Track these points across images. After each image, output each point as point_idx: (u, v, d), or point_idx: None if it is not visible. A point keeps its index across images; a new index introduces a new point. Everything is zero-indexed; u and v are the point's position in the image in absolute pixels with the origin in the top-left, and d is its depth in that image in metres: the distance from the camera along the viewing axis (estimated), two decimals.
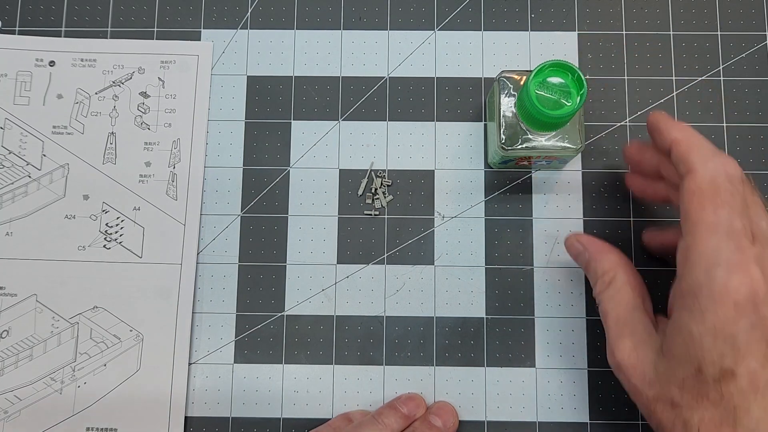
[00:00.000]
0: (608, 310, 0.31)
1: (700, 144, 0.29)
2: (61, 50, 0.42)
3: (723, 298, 0.25)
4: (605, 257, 0.33)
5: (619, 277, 0.32)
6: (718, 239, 0.26)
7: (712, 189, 0.27)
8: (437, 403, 0.38)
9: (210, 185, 0.41)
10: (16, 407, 0.38)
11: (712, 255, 0.26)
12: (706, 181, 0.27)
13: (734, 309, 0.25)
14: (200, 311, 0.40)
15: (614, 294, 0.31)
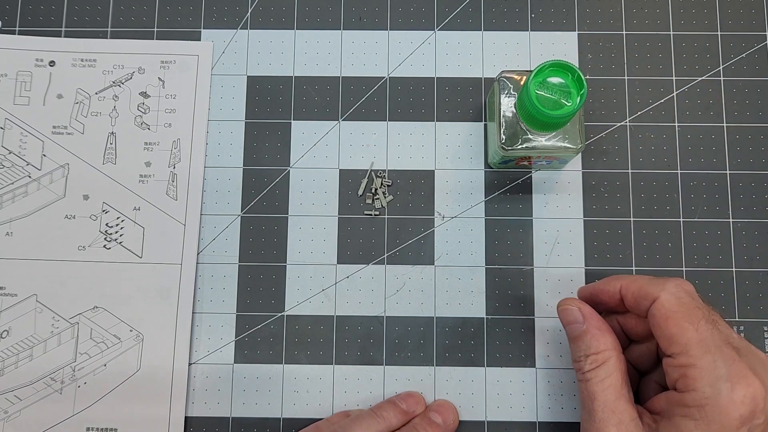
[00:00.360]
0: (596, 392, 0.31)
1: (645, 276, 0.32)
2: (61, 50, 0.42)
3: (730, 411, 0.27)
4: (605, 336, 0.32)
5: (612, 361, 0.32)
6: (713, 354, 0.28)
7: (682, 308, 0.30)
8: (438, 401, 0.38)
9: (210, 185, 0.41)
10: (16, 407, 0.38)
11: (713, 370, 0.28)
12: (673, 303, 0.30)
13: (739, 420, 0.27)
14: (200, 311, 0.40)
15: (606, 377, 0.31)
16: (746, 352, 0.29)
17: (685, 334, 0.29)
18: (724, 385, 0.27)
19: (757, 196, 0.40)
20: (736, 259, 0.39)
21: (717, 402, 0.27)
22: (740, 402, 0.27)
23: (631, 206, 0.40)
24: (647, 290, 0.31)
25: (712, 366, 0.28)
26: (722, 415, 0.27)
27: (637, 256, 0.40)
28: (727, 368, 0.28)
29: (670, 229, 0.40)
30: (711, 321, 0.30)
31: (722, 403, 0.27)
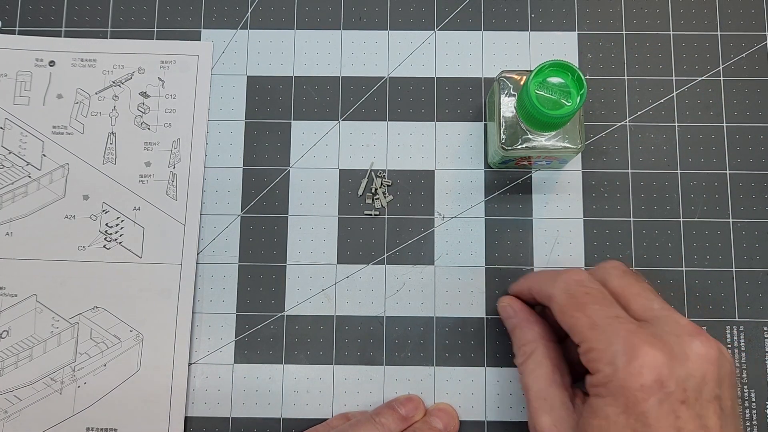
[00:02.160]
0: (529, 383, 0.32)
1: (545, 275, 0.34)
2: (61, 50, 0.42)
3: (630, 383, 0.27)
4: (531, 328, 0.34)
5: (539, 350, 0.33)
6: (607, 333, 0.28)
7: (570, 299, 0.31)
8: (438, 405, 0.38)
9: (210, 185, 0.41)
10: (16, 407, 0.38)
11: (608, 349, 0.28)
12: (562, 298, 0.31)
13: (642, 390, 0.27)
14: (200, 311, 0.40)
15: (534, 368, 0.32)
16: (656, 322, 0.29)
17: (578, 323, 0.30)
18: (621, 360, 0.27)
19: (757, 196, 0.40)
20: (736, 259, 0.39)
21: (617, 377, 0.27)
22: (638, 373, 0.27)
23: (631, 206, 0.40)
24: (544, 290, 0.33)
25: (608, 345, 0.28)
26: (625, 389, 0.27)
27: (637, 256, 0.40)
28: (623, 343, 0.28)
29: (670, 229, 0.40)
30: (606, 301, 0.30)
31: (622, 377, 0.27)
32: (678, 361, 0.27)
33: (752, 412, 0.38)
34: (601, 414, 0.28)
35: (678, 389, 0.27)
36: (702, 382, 0.27)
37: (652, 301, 0.30)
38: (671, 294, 0.39)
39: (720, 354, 0.28)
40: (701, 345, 0.28)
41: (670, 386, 0.27)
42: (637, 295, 0.31)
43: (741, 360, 0.38)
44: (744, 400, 0.38)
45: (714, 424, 0.27)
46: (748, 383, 0.38)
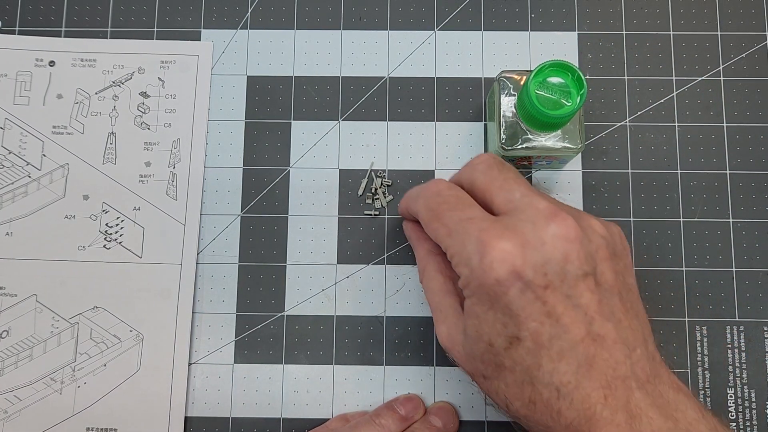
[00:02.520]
0: (428, 297, 0.33)
1: (412, 193, 0.34)
2: (61, 50, 0.42)
3: (485, 279, 0.27)
4: (420, 245, 0.35)
5: (429, 265, 0.33)
6: (461, 236, 0.28)
7: (429, 211, 0.31)
8: (437, 404, 0.38)
9: (210, 185, 0.41)
10: (16, 407, 0.38)
11: (463, 250, 0.28)
12: (423, 211, 0.31)
13: (499, 284, 0.27)
14: (200, 311, 0.40)
15: (428, 282, 0.33)
16: (514, 212, 0.28)
17: (437, 233, 0.30)
18: (475, 259, 0.27)
19: (757, 196, 0.40)
20: (736, 259, 0.39)
21: (474, 277, 0.27)
22: (490, 269, 0.27)
23: (631, 206, 0.40)
24: (412, 210, 0.33)
25: (462, 247, 0.28)
26: (483, 286, 0.27)
27: (637, 256, 0.40)
28: (475, 242, 0.27)
29: (670, 229, 0.40)
30: (461, 203, 0.30)
31: (477, 275, 0.27)
32: (532, 248, 0.27)
33: (752, 412, 0.38)
34: (472, 314, 0.28)
35: (537, 275, 0.26)
36: (564, 263, 0.27)
37: (514, 191, 0.29)
38: (671, 294, 0.39)
39: (583, 231, 0.27)
40: (557, 226, 0.27)
41: (527, 274, 0.26)
42: (500, 188, 0.30)
43: (741, 360, 0.38)
44: (744, 400, 0.38)
45: (588, 300, 0.27)
46: (748, 383, 0.38)
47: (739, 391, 0.38)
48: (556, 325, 0.27)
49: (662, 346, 0.39)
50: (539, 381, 0.27)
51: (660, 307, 0.39)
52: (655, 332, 0.39)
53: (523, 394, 0.28)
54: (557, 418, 0.27)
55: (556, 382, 0.27)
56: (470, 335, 0.29)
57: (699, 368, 0.38)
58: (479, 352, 0.29)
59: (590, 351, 0.27)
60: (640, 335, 0.29)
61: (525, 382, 0.27)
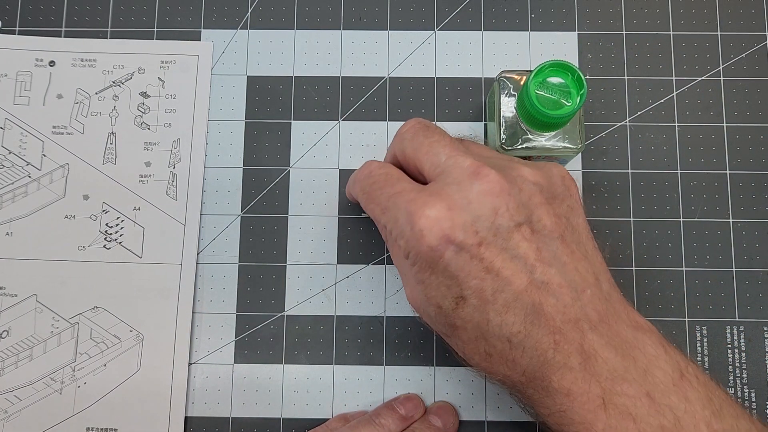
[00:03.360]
0: (395, 264, 0.32)
1: (350, 180, 0.34)
2: (61, 50, 0.42)
3: (419, 247, 0.27)
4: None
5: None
6: (392, 210, 0.29)
7: (364, 194, 0.31)
8: (437, 403, 0.38)
9: (210, 185, 0.41)
10: (16, 407, 0.38)
11: (396, 224, 0.28)
12: (360, 195, 0.32)
13: (433, 251, 0.27)
14: (200, 311, 0.40)
15: (391, 249, 0.31)
16: (440, 177, 0.28)
17: (373, 213, 0.30)
18: (407, 230, 0.28)
19: (757, 196, 0.40)
20: (736, 259, 0.39)
21: (410, 246, 0.28)
22: (421, 237, 0.27)
23: (631, 206, 0.40)
24: (354, 197, 0.33)
25: (395, 221, 0.29)
26: (420, 255, 0.27)
27: (637, 256, 0.40)
28: (404, 214, 0.28)
29: (670, 229, 0.40)
30: (385, 183, 0.30)
31: (413, 245, 0.27)
32: (459, 209, 0.27)
33: (752, 412, 0.38)
34: (419, 281, 0.29)
35: (468, 234, 0.27)
36: (494, 217, 0.27)
37: (439, 154, 0.29)
38: (671, 294, 0.39)
39: (512, 181, 0.28)
40: (481, 183, 0.27)
41: (457, 236, 0.27)
42: (426, 154, 0.29)
43: (741, 360, 0.38)
44: (744, 400, 0.38)
45: (526, 250, 0.27)
46: (749, 383, 0.38)
47: (740, 391, 0.38)
48: (497, 279, 0.27)
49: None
50: (491, 335, 0.28)
51: (660, 307, 0.39)
52: None
53: (479, 348, 0.29)
54: (513, 367, 0.28)
55: (506, 333, 0.27)
56: (420, 302, 0.30)
57: None
58: (433, 315, 0.29)
59: (535, 298, 0.27)
60: (590, 275, 0.29)
61: (478, 338, 0.28)
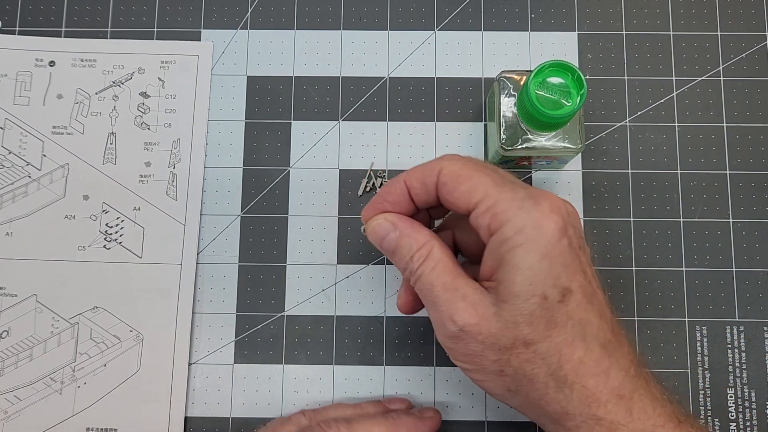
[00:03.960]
0: (433, 280, 0.30)
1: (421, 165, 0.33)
2: (61, 50, 0.42)
3: (544, 223, 0.27)
4: (420, 231, 0.31)
5: (435, 247, 0.31)
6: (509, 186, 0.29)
7: (467, 164, 0.30)
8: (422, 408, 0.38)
9: (210, 185, 0.41)
10: (16, 407, 0.38)
11: (515, 196, 0.28)
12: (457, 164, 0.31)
13: (556, 230, 0.27)
14: (200, 311, 0.40)
15: (435, 264, 0.30)
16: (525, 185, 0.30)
17: (480, 179, 0.29)
18: (529, 203, 0.28)
19: (757, 196, 0.40)
20: (736, 259, 0.39)
21: (531, 219, 0.27)
22: (549, 211, 0.27)
23: (631, 206, 0.40)
24: (429, 169, 0.32)
25: (513, 194, 0.28)
26: (541, 229, 0.27)
27: (637, 256, 0.40)
28: (524, 190, 0.28)
29: (670, 229, 0.40)
30: (492, 168, 0.30)
31: (536, 218, 0.27)
32: (566, 210, 0.29)
33: (752, 412, 0.38)
34: (524, 265, 0.27)
35: (576, 233, 0.29)
36: (581, 231, 0.30)
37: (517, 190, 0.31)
38: (671, 294, 0.39)
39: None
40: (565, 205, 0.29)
41: (569, 230, 0.28)
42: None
43: (741, 360, 0.38)
44: (744, 401, 0.38)
45: (588, 266, 0.29)
46: (749, 383, 0.38)
47: (740, 391, 0.38)
48: (590, 285, 0.28)
49: (662, 346, 0.39)
50: (589, 335, 0.27)
51: (660, 307, 0.39)
52: (655, 332, 0.39)
53: (574, 353, 0.27)
54: (605, 380, 0.27)
55: (602, 338, 0.28)
56: (519, 293, 0.28)
57: (699, 368, 0.38)
58: (528, 311, 0.27)
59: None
60: None
61: (576, 339, 0.27)
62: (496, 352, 0.28)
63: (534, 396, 0.28)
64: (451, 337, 0.29)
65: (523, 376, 0.28)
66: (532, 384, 0.28)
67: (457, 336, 0.29)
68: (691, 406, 0.38)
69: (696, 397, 0.38)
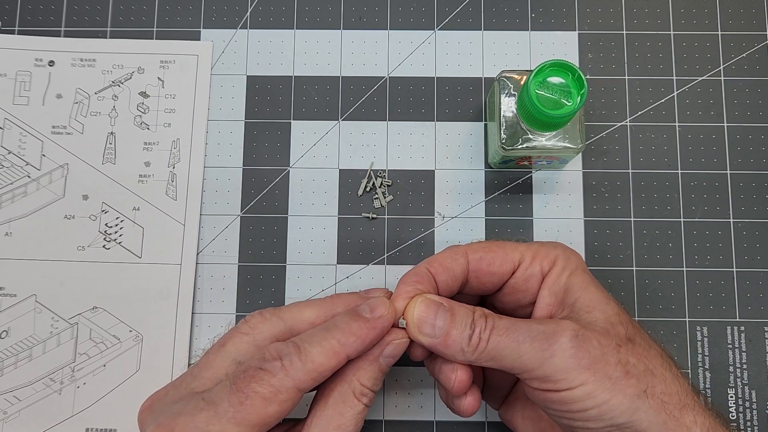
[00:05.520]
0: (514, 337, 0.28)
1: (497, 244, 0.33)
2: (60, 50, 0.42)
3: (573, 251, 0.32)
4: (463, 306, 0.30)
5: (485, 310, 0.29)
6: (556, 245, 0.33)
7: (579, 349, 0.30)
8: None
9: (210, 185, 0.41)
10: (15, 408, 0.38)
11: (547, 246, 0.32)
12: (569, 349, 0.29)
13: (580, 257, 0.32)
14: (200, 311, 0.40)
15: (500, 322, 0.29)
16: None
17: (508, 244, 0.32)
18: (554, 242, 0.33)
19: (757, 196, 0.40)
20: (737, 259, 0.39)
21: (566, 250, 0.32)
22: (568, 244, 0.33)
23: (632, 206, 0.40)
24: (451, 253, 0.31)
25: (539, 243, 0.33)
26: (575, 254, 0.32)
27: (637, 256, 0.40)
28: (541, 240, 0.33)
29: (671, 229, 0.40)
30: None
31: (569, 249, 0.32)
32: None
33: (753, 413, 0.38)
34: (587, 280, 0.31)
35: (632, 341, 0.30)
36: None
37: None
38: (671, 294, 0.39)
39: None
40: None
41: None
42: None
43: (742, 360, 0.38)
44: (744, 401, 0.38)
45: None
46: (749, 383, 0.38)
47: (740, 391, 0.38)
48: None
49: (662, 346, 0.39)
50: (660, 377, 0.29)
51: (660, 307, 0.39)
52: (655, 332, 0.39)
53: (654, 347, 0.30)
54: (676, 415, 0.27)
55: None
56: (599, 298, 0.30)
57: (699, 368, 0.38)
58: (615, 311, 0.30)
59: None
60: None
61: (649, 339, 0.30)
62: (613, 353, 0.27)
63: (663, 390, 0.27)
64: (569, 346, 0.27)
65: (645, 370, 0.28)
66: (654, 377, 0.28)
67: (575, 343, 0.27)
68: None
69: None
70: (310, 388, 0.28)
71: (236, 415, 0.26)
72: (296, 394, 0.27)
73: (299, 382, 0.27)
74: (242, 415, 0.26)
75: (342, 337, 0.28)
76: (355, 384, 0.29)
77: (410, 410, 0.39)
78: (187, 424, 0.26)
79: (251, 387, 0.27)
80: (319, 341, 0.28)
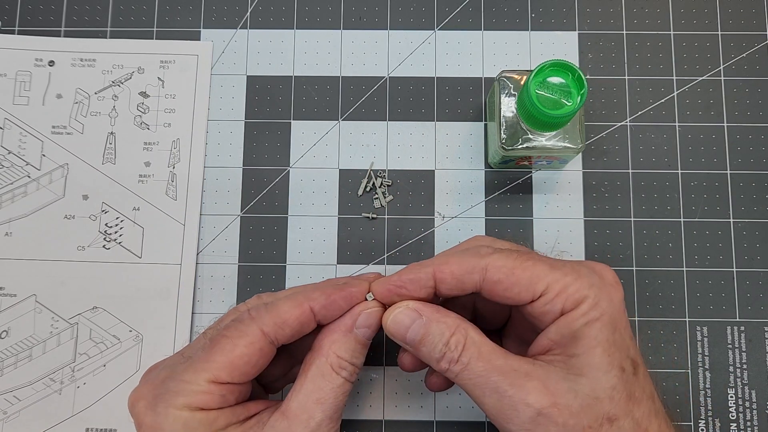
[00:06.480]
0: (485, 366, 0.27)
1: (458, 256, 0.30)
2: (60, 50, 0.42)
3: (615, 296, 0.28)
4: (447, 315, 0.29)
5: (471, 330, 0.28)
6: (567, 266, 0.29)
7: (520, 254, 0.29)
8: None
9: (210, 185, 0.41)
10: (15, 408, 0.38)
11: (580, 276, 0.28)
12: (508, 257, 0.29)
13: (622, 303, 0.29)
14: (200, 311, 0.40)
15: (479, 348, 0.28)
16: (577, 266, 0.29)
17: (537, 268, 0.28)
18: (596, 278, 0.28)
19: (757, 196, 0.40)
20: (737, 259, 0.39)
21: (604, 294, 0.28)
22: (615, 282, 0.29)
23: (632, 206, 0.40)
24: (468, 265, 0.29)
25: (576, 273, 0.28)
26: (613, 302, 0.28)
27: (637, 256, 0.40)
28: (581, 266, 0.29)
29: (671, 229, 0.40)
30: (533, 251, 0.30)
31: (608, 292, 0.28)
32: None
33: (753, 413, 0.38)
34: (602, 337, 0.27)
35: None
36: None
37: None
38: (671, 294, 0.39)
39: None
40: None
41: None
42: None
43: (742, 360, 0.38)
44: (744, 401, 0.38)
45: None
46: (749, 383, 0.38)
47: (740, 391, 0.38)
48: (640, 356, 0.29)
49: (662, 346, 0.39)
50: (659, 410, 0.27)
51: (660, 307, 0.39)
52: (655, 332, 0.39)
53: (650, 428, 0.27)
54: None
55: (663, 411, 0.28)
56: (599, 365, 0.27)
57: (699, 368, 0.38)
58: (610, 384, 0.26)
59: None
60: None
61: (651, 413, 0.27)
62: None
63: None
64: (527, 422, 0.26)
65: None
66: None
67: (534, 421, 0.26)
68: (691, 406, 0.38)
69: (696, 398, 0.38)
70: (277, 336, 0.29)
71: (205, 357, 0.28)
72: (262, 337, 0.29)
73: (263, 325, 0.29)
74: (210, 356, 0.28)
75: (308, 292, 0.30)
76: (332, 356, 0.29)
77: (410, 410, 0.39)
78: (167, 376, 0.29)
79: (221, 333, 0.29)
80: (286, 295, 0.30)
